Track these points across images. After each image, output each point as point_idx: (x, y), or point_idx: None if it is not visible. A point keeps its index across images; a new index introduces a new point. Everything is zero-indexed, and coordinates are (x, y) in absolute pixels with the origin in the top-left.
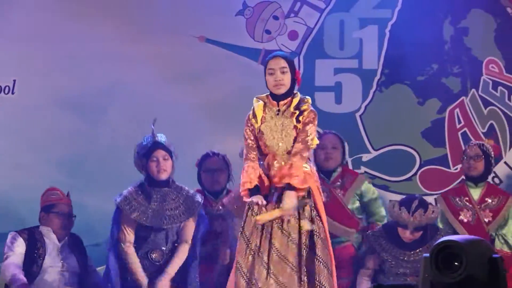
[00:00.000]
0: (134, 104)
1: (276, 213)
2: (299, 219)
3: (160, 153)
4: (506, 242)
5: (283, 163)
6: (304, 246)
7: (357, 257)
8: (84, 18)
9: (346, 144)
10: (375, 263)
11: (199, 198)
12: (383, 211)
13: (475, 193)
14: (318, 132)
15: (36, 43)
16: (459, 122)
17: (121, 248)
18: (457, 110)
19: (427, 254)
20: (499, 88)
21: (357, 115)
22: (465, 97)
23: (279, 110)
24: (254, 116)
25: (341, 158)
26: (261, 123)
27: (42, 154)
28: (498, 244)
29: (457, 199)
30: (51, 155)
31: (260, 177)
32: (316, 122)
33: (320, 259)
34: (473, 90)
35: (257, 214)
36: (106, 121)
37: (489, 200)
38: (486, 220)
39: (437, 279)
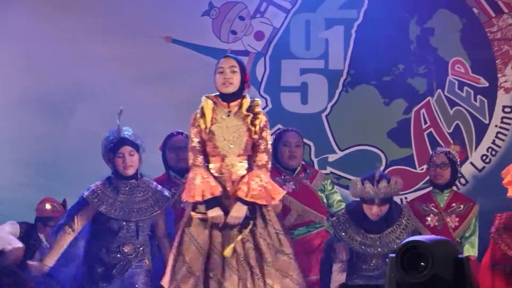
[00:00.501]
0: (101, 104)
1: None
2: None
3: (126, 149)
4: (473, 248)
5: (233, 165)
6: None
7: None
8: (50, 18)
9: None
10: (346, 253)
11: (167, 193)
12: (339, 196)
13: (442, 199)
14: (280, 129)
15: (1, 44)
16: (425, 122)
17: (62, 230)
18: (423, 110)
19: (393, 255)
20: (465, 88)
21: (323, 115)
22: (431, 97)
23: (230, 111)
24: (203, 115)
25: (302, 155)
26: (211, 124)
27: (9, 155)
28: (465, 251)
29: (424, 205)
30: (18, 156)
31: (212, 186)
32: (268, 125)
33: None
34: (439, 90)
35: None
36: (73, 121)
37: (455, 206)
38: (453, 225)
39: (403, 279)
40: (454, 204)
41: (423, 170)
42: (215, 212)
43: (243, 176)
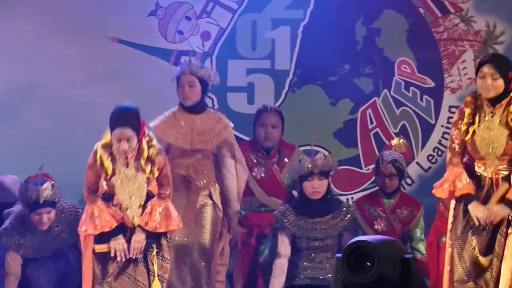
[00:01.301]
0: (50, 104)
1: None
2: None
3: (44, 211)
4: (419, 251)
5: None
6: None
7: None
8: None
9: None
10: (289, 244)
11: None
12: None
13: (388, 203)
14: (260, 107)
15: None
16: (371, 122)
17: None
18: (369, 110)
19: (339, 255)
20: (411, 88)
21: None
22: (377, 97)
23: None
24: (102, 166)
25: (280, 134)
26: (112, 175)
27: None
28: (420, 249)
29: (371, 209)
30: None
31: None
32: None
33: None
34: (385, 90)
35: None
36: (22, 121)
37: (399, 211)
38: (398, 230)
39: (349, 279)
40: (398, 210)
41: (369, 170)
42: (119, 245)
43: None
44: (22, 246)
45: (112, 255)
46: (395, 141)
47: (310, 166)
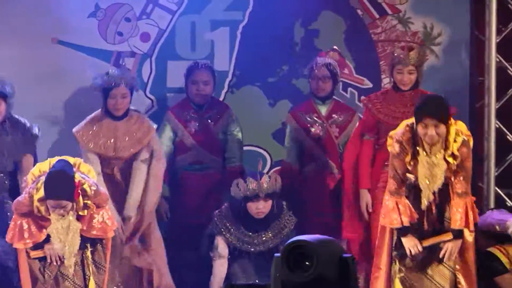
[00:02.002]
0: None
1: None
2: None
3: None
4: None
5: None
6: None
7: (222, 181)
8: None
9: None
10: (226, 249)
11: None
12: (238, 153)
13: (323, 109)
14: (191, 63)
15: None
16: None
17: None
18: None
19: (278, 254)
20: (349, 89)
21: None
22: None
23: None
24: None
25: (212, 90)
26: None
27: None
28: None
29: (307, 116)
30: None
31: None
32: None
33: None
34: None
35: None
36: None
37: (336, 116)
38: (333, 136)
39: (288, 278)
40: (334, 115)
41: None
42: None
43: None
44: None
45: (48, 260)
46: (330, 53)
47: (256, 189)
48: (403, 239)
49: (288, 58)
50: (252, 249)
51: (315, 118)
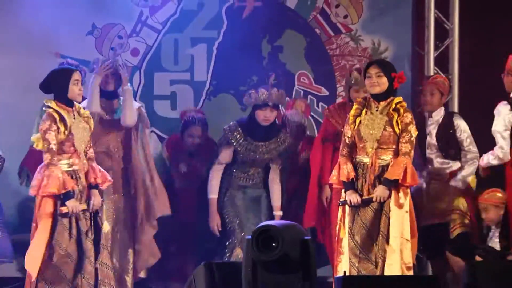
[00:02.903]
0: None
1: None
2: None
3: None
4: None
5: None
6: None
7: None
8: None
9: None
10: (230, 156)
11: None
12: None
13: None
14: (186, 119)
15: None
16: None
17: None
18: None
19: (249, 236)
20: (309, 96)
21: None
22: (281, 104)
23: None
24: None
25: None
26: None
27: None
28: None
29: None
30: None
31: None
32: None
33: None
34: (287, 98)
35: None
36: None
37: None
38: None
39: (258, 257)
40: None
41: None
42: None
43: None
44: None
45: (70, 215)
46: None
47: (266, 98)
48: (346, 193)
49: (257, 70)
50: (257, 156)
51: None
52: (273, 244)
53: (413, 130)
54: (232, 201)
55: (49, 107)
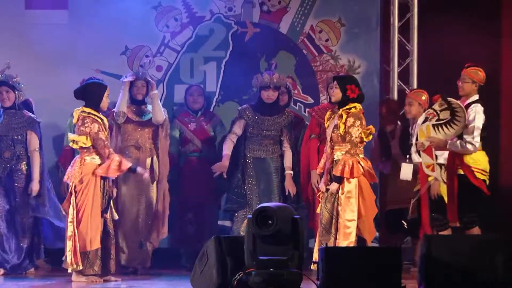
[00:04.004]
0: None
1: None
2: None
3: (3, 89)
4: None
5: None
6: None
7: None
8: None
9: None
10: (241, 128)
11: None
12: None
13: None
14: (187, 85)
15: None
16: None
17: None
18: None
19: (250, 216)
20: (298, 103)
21: None
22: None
23: None
24: None
25: (204, 101)
26: None
27: None
28: None
29: None
30: None
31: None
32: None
33: None
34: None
35: None
36: None
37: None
38: None
39: (257, 233)
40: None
41: None
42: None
43: None
44: None
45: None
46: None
47: (268, 81)
48: (320, 183)
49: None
50: (262, 132)
51: None
52: (269, 222)
53: (353, 131)
54: (246, 171)
55: (90, 113)
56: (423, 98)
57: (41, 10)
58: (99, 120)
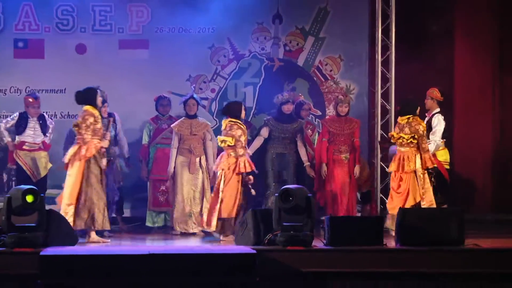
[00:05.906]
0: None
1: None
2: None
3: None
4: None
5: None
6: None
7: None
8: None
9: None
10: (267, 132)
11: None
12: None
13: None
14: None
15: None
16: None
17: None
18: None
19: (277, 194)
20: (311, 115)
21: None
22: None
23: None
24: None
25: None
26: None
27: None
28: None
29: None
30: None
31: None
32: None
33: None
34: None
35: None
36: None
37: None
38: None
39: (282, 206)
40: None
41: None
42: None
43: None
44: None
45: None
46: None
47: (286, 98)
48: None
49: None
50: (282, 135)
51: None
52: (290, 198)
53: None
54: (271, 164)
55: (236, 122)
56: (434, 93)
57: (130, 49)
58: (242, 127)
